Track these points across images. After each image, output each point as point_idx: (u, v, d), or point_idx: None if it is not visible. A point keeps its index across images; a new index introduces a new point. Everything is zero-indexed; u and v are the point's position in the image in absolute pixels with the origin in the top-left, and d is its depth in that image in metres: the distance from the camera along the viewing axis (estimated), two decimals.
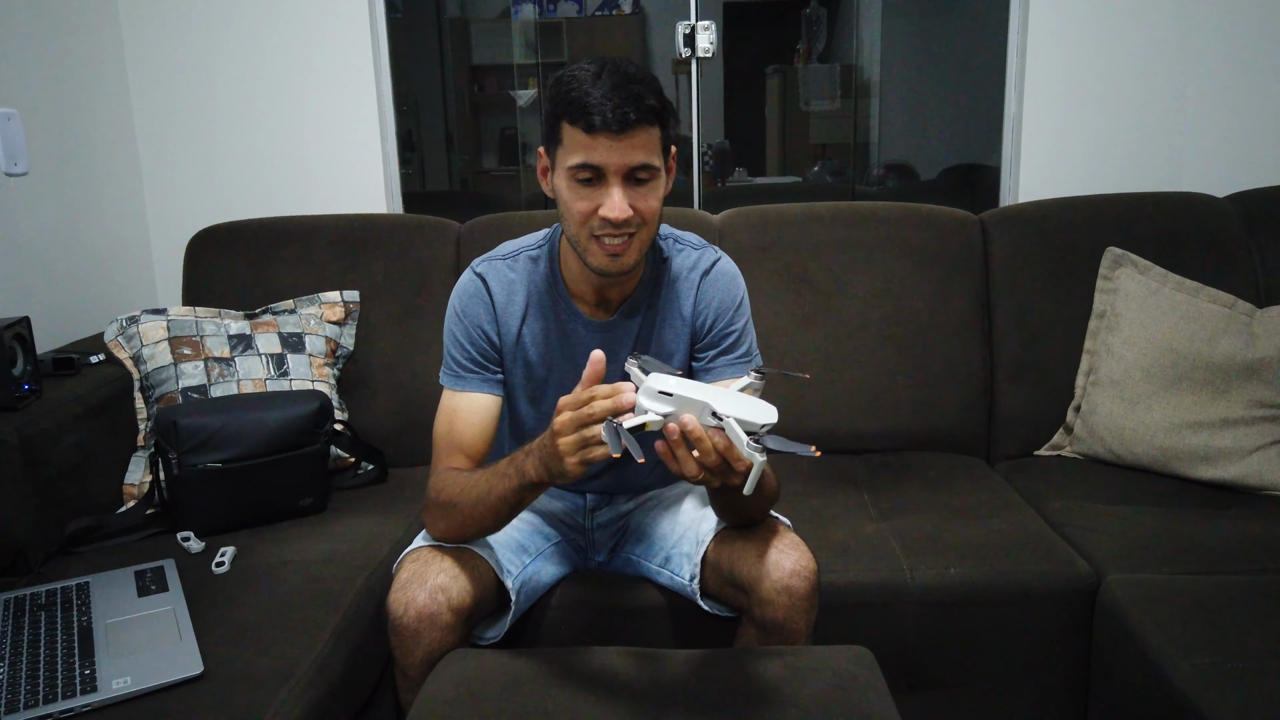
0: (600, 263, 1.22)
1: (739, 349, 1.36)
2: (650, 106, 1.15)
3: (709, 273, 1.36)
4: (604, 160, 1.15)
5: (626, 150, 1.15)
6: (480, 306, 1.34)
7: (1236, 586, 1.35)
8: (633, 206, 1.18)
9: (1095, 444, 1.83)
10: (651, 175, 1.19)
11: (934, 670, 1.48)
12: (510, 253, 1.37)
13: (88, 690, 1.10)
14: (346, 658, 1.27)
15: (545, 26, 3.17)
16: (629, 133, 1.14)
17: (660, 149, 1.20)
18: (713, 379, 1.35)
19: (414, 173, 2.82)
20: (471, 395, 1.32)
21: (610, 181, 1.17)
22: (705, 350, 1.36)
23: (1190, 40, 2.10)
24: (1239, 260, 1.89)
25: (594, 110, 1.13)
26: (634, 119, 1.13)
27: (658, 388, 1.00)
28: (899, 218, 1.99)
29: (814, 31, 3.14)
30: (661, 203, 1.23)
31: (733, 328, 1.36)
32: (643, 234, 1.22)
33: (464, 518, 1.20)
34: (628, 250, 1.21)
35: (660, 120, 1.18)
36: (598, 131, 1.14)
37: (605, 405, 1.00)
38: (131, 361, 1.78)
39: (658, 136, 1.19)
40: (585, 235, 1.21)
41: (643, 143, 1.16)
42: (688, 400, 0.99)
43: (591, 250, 1.22)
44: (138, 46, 2.15)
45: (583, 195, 1.19)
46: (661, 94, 1.19)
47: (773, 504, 1.28)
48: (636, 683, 1.10)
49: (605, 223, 1.18)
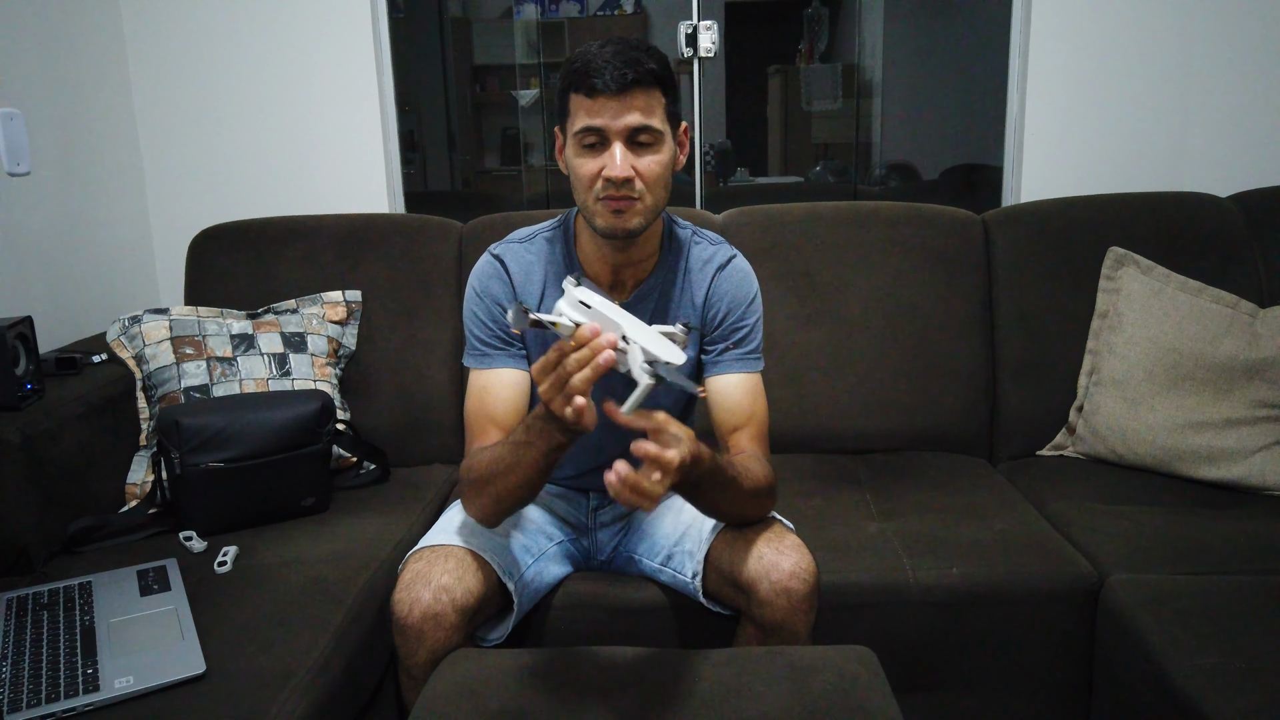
0: (606, 221, 1.24)
1: (747, 345, 1.37)
2: (650, 70, 1.19)
3: (724, 267, 1.38)
4: (605, 122, 1.19)
5: (626, 110, 1.18)
6: (499, 285, 1.35)
7: (1239, 587, 1.35)
8: (634, 168, 1.20)
9: (1098, 444, 1.82)
10: (654, 139, 1.21)
11: (936, 670, 1.48)
12: (526, 236, 1.40)
13: (90, 689, 1.10)
14: (349, 657, 1.27)
15: (547, 26, 3.17)
16: (628, 93, 1.18)
17: (664, 115, 1.22)
18: (718, 373, 1.36)
19: (416, 173, 2.82)
20: (499, 371, 1.33)
21: (612, 142, 1.20)
22: (714, 344, 1.37)
23: (1193, 40, 2.10)
24: (1242, 260, 1.89)
25: (595, 74, 1.17)
26: (632, 79, 1.17)
27: (579, 298, 1.04)
28: (901, 218, 1.99)
29: (816, 31, 3.13)
30: (667, 171, 1.25)
31: (743, 323, 1.37)
32: (647, 199, 1.23)
33: (498, 490, 1.21)
34: (632, 210, 1.23)
35: (662, 85, 1.21)
36: (598, 93, 1.18)
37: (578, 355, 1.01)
38: (134, 361, 1.78)
39: (660, 101, 1.21)
40: (592, 199, 1.23)
41: (642, 104, 1.19)
42: (604, 317, 1.02)
43: (598, 212, 1.24)
44: (140, 47, 2.15)
45: (587, 158, 1.22)
46: (666, 63, 1.22)
47: (761, 500, 1.27)
48: (639, 682, 1.10)
49: (609, 183, 1.20)
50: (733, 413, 1.35)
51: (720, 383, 1.36)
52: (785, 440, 1.92)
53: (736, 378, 1.36)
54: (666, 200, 1.28)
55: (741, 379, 1.36)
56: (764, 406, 1.37)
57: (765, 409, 1.37)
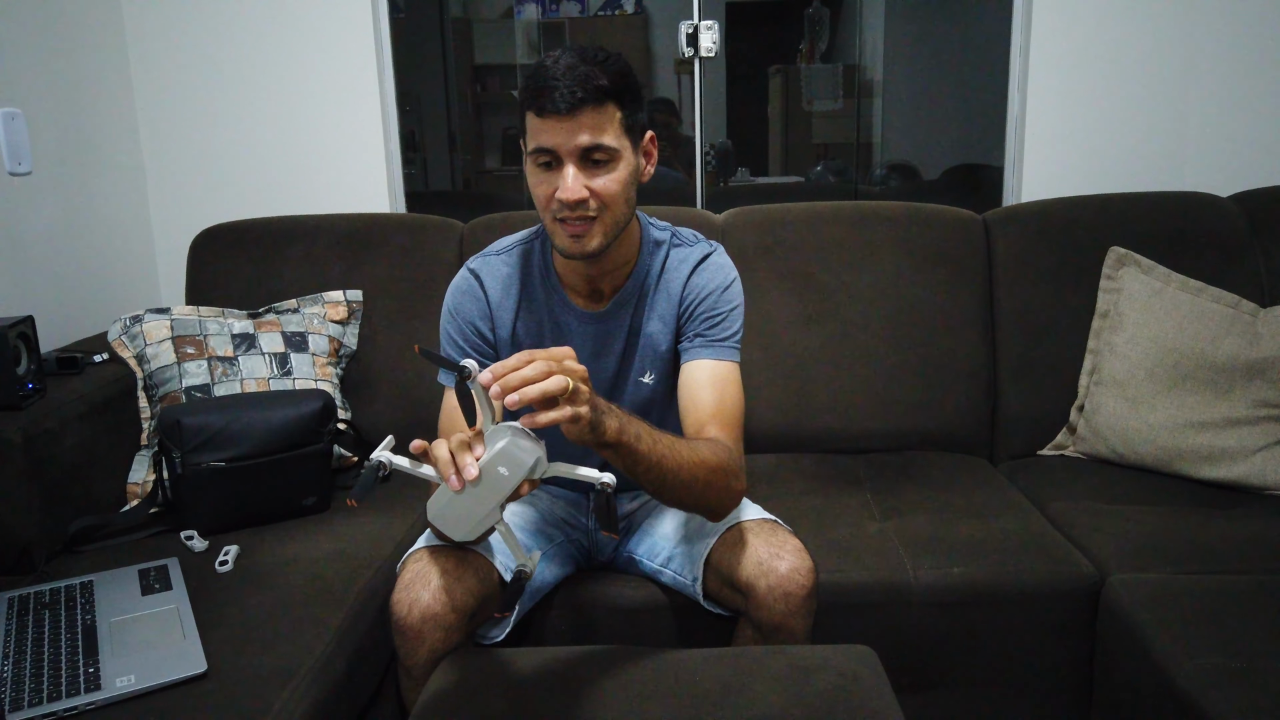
0: (564, 244, 1.22)
1: (719, 332, 1.31)
2: (599, 86, 1.14)
3: (701, 263, 1.35)
4: (555, 142, 1.16)
5: (576, 130, 1.15)
6: (473, 303, 1.34)
7: (1240, 586, 1.35)
8: (588, 188, 1.17)
9: (1098, 444, 1.82)
10: (609, 156, 1.18)
11: (937, 670, 1.48)
12: (505, 247, 1.38)
13: (92, 689, 1.10)
14: (349, 656, 1.27)
15: (548, 26, 3.17)
16: (576, 113, 1.14)
17: (619, 129, 1.18)
18: (689, 359, 1.31)
19: (417, 172, 2.82)
20: None
21: (565, 162, 1.17)
22: (686, 329, 1.33)
23: (1194, 39, 2.10)
24: (1243, 260, 1.89)
25: (544, 93, 1.14)
26: (580, 97, 1.13)
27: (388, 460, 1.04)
28: (902, 217, 1.99)
29: (817, 31, 3.13)
30: (627, 186, 1.21)
31: (715, 311, 1.31)
32: (606, 217, 1.20)
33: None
34: (589, 233, 1.20)
35: (617, 99, 1.17)
36: (547, 114, 1.15)
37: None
38: (135, 361, 1.78)
39: (614, 117, 1.17)
40: (550, 219, 1.22)
41: (592, 123, 1.15)
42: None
43: (557, 233, 1.22)
44: (141, 46, 2.15)
45: (543, 179, 1.20)
46: (622, 75, 1.18)
47: (713, 482, 1.16)
48: (639, 682, 1.10)
49: (562, 205, 1.18)
50: (695, 400, 1.27)
51: (687, 369, 1.31)
52: (785, 440, 1.93)
53: (705, 364, 1.29)
54: (629, 214, 1.25)
55: (710, 365, 1.29)
56: (735, 398, 1.29)
57: (737, 401, 1.29)
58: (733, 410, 1.28)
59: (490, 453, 0.96)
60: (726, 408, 1.27)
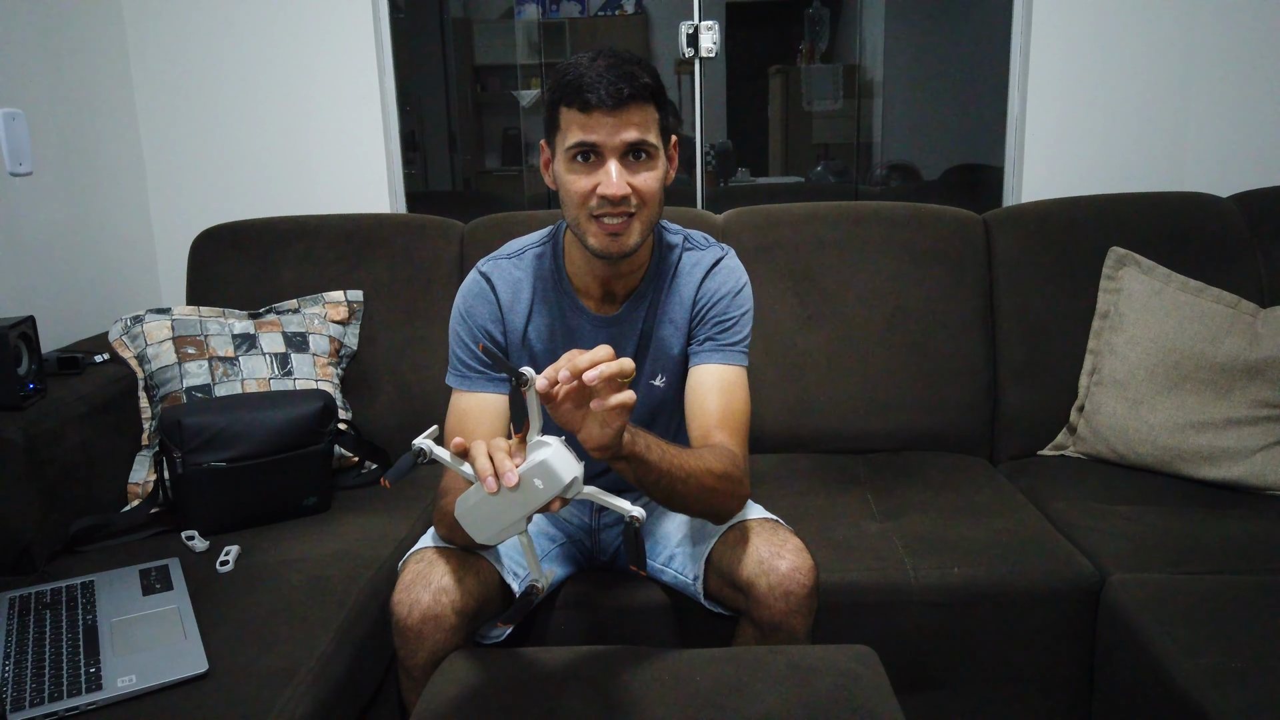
0: (600, 244, 1.22)
1: (729, 336, 1.32)
2: (645, 84, 1.16)
3: (713, 267, 1.36)
4: (601, 138, 1.17)
5: (622, 126, 1.16)
6: (484, 306, 1.34)
7: (1240, 586, 1.35)
8: (630, 184, 1.18)
9: (1099, 444, 1.83)
10: (650, 154, 1.19)
11: (937, 670, 1.48)
12: (515, 251, 1.37)
13: (93, 688, 1.10)
14: (350, 656, 1.27)
15: (548, 27, 3.17)
16: (624, 109, 1.15)
17: (658, 130, 1.20)
18: (698, 363, 1.32)
19: (417, 173, 2.83)
20: (479, 395, 1.32)
21: (607, 158, 1.17)
22: (696, 332, 1.34)
23: (1194, 40, 2.10)
24: (1243, 260, 1.89)
25: (589, 88, 1.14)
26: (628, 94, 1.15)
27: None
28: (902, 218, 1.99)
29: (817, 31, 3.14)
30: (662, 186, 1.23)
31: (726, 315, 1.33)
32: (643, 215, 1.21)
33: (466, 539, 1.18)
34: (628, 230, 1.21)
35: (656, 100, 1.19)
36: (593, 109, 1.15)
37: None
38: (136, 361, 1.78)
39: (654, 117, 1.19)
40: (585, 216, 1.21)
41: (638, 120, 1.17)
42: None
43: (591, 231, 1.22)
44: (142, 46, 2.16)
45: (581, 174, 1.19)
46: (657, 77, 1.20)
47: (717, 489, 1.17)
48: (640, 682, 1.10)
49: (604, 201, 1.18)
50: (702, 404, 1.29)
51: (695, 373, 1.32)
52: (785, 440, 1.93)
53: (714, 368, 1.31)
54: (660, 215, 1.26)
55: (718, 370, 1.30)
56: (742, 403, 1.30)
57: (744, 406, 1.30)
58: (739, 415, 1.29)
59: (530, 462, 0.95)
60: (733, 413, 1.28)
